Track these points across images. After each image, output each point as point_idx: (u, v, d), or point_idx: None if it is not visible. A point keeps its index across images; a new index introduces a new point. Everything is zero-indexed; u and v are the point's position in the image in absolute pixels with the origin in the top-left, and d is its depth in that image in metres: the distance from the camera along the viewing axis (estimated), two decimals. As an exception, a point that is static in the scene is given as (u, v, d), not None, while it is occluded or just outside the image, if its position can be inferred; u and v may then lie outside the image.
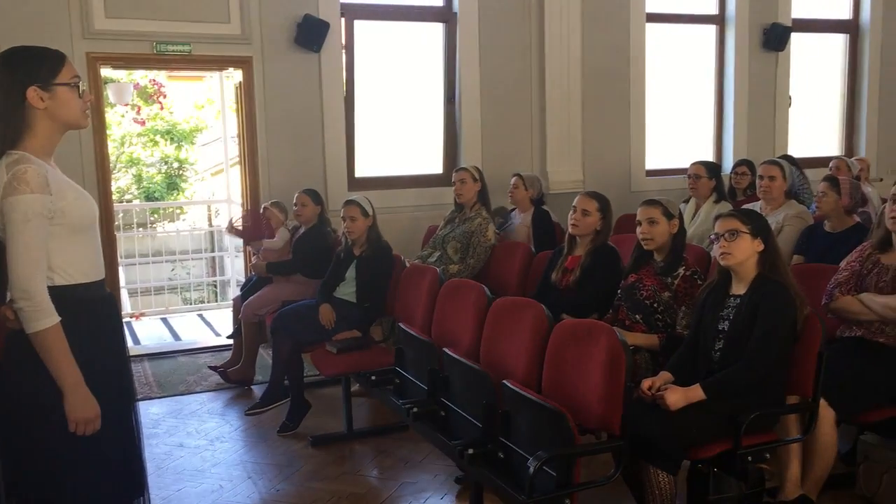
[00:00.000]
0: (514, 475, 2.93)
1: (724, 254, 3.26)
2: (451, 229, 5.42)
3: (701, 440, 3.04)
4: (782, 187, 5.07)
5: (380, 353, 4.54)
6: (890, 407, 3.41)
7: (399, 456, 4.28)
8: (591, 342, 3.00)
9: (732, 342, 3.19)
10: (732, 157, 7.49)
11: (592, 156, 7.14)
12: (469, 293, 3.88)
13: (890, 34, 8.26)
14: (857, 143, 8.39)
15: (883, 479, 3.49)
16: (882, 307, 3.42)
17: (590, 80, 7.05)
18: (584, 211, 4.19)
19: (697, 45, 7.77)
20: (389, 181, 6.71)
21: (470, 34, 6.69)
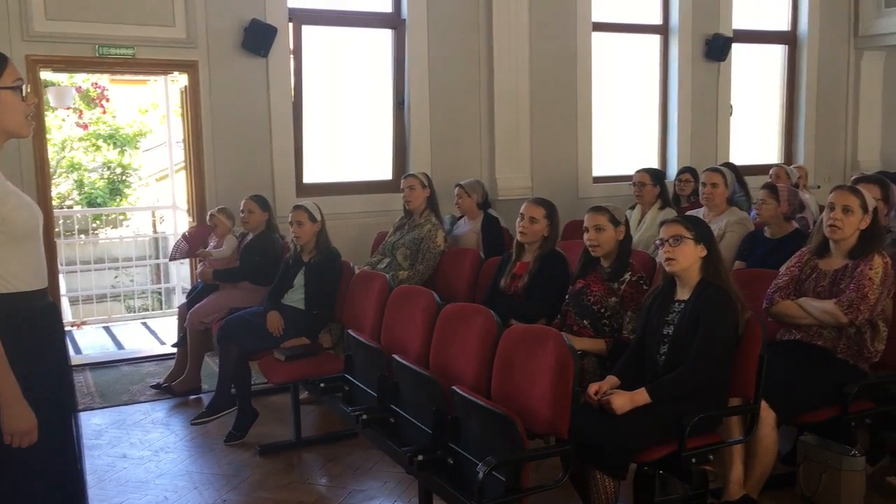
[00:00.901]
0: (464, 481, 2.94)
1: (669, 259, 3.32)
2: (401, 236, 5.42)
3: (646, 443, 3.09)
4: (724, 194, 5.19)
5: (329, 360, 4.51)
6: (828, 408, 3.51)
7: (348, 463, 4.25)
8: (540, 347, 3.02)
9: (677, 346, 3.25)
10: (677, 165, 7.63)
11: (540, 162, 7.21)
12: (418, 299, 3.88)
13: (826, 46, 8.52)
14: (795, 152, 8.63)
15: (822, 479, 3.59)
16: (820, 311, 3.52)
17: (537, 88, 7.13)
18: (531, 218, 4.23)
19: (642, 55, 7.91)
20: (338, 187, 6.68)
21: (419, 41, 6.71)
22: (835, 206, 3.55)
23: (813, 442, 3.67)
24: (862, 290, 3.41)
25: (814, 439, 3.68)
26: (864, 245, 3.53)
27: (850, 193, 3.57)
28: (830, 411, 3.50)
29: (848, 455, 3.52)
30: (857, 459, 3.53)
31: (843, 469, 3.52)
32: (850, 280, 3.47)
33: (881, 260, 3.48)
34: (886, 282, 3.46)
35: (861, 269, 3.47)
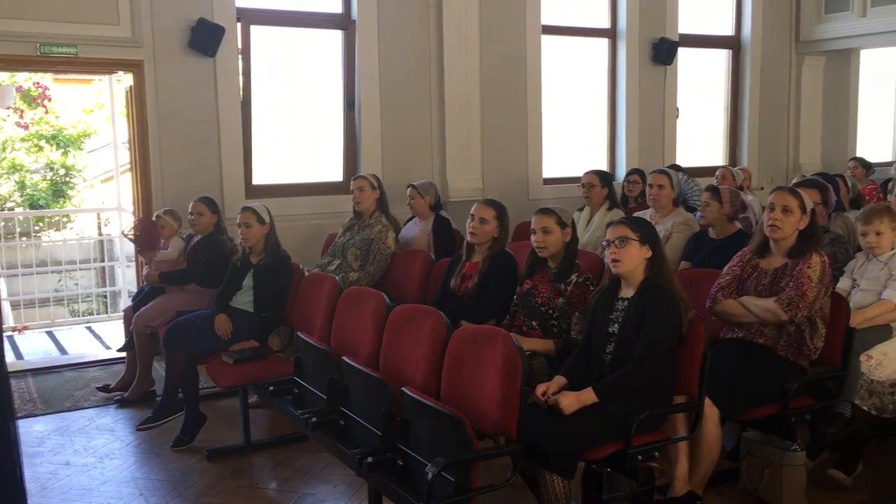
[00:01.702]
0: (414, 482, 2.95)
1: (615, 260, 3.37)
2: (351, 237, 5.40)
3: (593, 442, 3.13)
4: (670, 195, 5.28)
5: (278, 363, 4.47)
6: (769, 404, 3.59)
7: (298, 467, 4.22)
8: (489, 348, 3.04)
9: (622, 344, 3.30)
10: (625, 166, 7.74)
11: (491, 164, 7.25)
12: (368, 301, 3.87)
13: (768, 50, 8.72)
14: (739, 154, 8.81)
15: (764, 474, 3.68)
16: (761, 309, 3.60)
17: (488, 90, 7.16)
18: (481, 219, 4.25)
19: (591, 58, 8.00)
20: (288, 189, 6.63)
21: (369, 42, 6.69)
22: (775, 206, 3.64)
23: (755, 438, 3.76)
24: (801, 289, 3.50)
25: (756, 435, 3.76)
26: (802, 245, 3.63)
27: (789, 194, 3.66)
28: (771, 407, 3.58)
29: (789, 450, 3.61)
30: (797, 454, 3.62)
31: (784, 464, 3.61)
32: (790, 279, 3.56)
33: (819, 259, 3.58)
34: (824, 280, 3.56)
35: (800, 267, 3.56)
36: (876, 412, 3.75)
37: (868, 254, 3.93)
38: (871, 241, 3.86)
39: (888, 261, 3.84)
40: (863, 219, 3.90)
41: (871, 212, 3.91)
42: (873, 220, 3.85)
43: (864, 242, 3.90)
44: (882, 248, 3.85)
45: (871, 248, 3.88)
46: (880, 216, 3.85)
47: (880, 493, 3.75)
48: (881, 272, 3.84)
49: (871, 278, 3.87)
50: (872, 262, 3.89)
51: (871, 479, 3.86)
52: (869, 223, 3.86)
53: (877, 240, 3.84)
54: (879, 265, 3.85)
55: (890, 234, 3.85)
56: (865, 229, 3.88)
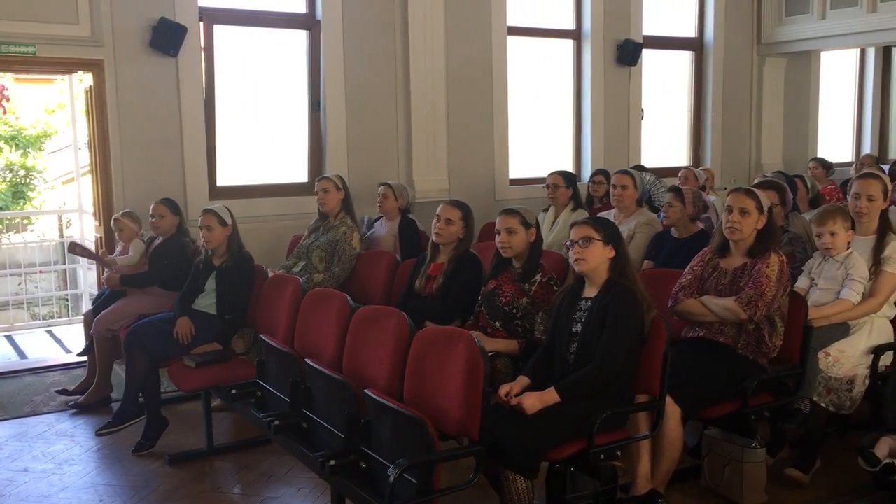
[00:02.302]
0: (377, 484, 2.94)
1: (578, 260, 3.39)
2: (316, 238, 5.37)
3: (556, 442, 3.14)
4: (634, 196, 5.33)
5: (241, 365, 4.43)
6: (729, 402, 3.63)
7: (262, 470, 4.19)
8: (451, 349, 3.04)
9: (585, 344, 3.32)
10: (591, 167, 7.80)
11: (457, 165, 7.25)
12: (331, 303, 3.85)
13: (731, 52, 8.83)
14: (703, 155, 8.91)
15: (725, 471, 3.72)
16: (721, 309, 3.64)
17: (454, 91, 7.16)
18: (447, 220, 4.25)
19: (557, 59, 8.03)
20: (253, 190, 6.57)
21: (334, 42, 6.65)
22: (732, 208, 3.69)
23: (717, 435, 3.80)
24: (760, 288, 3.54)
25: (717, 433, 3.80)
26: (761, 244, 3.68)
27: (745, 196, 3.71)
28: (732, 405, 3.63)
29: (749, 447, 3.65)
30: (757, 451, 3.67)
31: (744, 461, 3.65)
32: (749, 278, 3.61)
33: (777, 258, 3.63)
34: (782, 279, 3.61)
35: (759, 267, 3.60)
36: (834, 409, 3.81)
37: (824, 254, 3.98)
38: (826, 242, 3.91)
39: (844, 260, 3.90)
40: (817, 220, 3.95)
41: (824, 213, 3.97)
42: (827, 221, 3.91)
43: (820, 243, 3.95)
44: (837, 248, 3.91)
45: (826, 249, 3.93)
46: (833, 217, 3.91)
47: (839, 489, 3.80)
48: (838, 272, 3.89)
49: (828, 278, 3.93)
50: (829, 262, 3.95)
51: (829, 475, 3.91)
52: (823, 224, 3.91)
53: (831, 240, 3.89)
54: (836, 265, 3.91)
55: (844, 235, 3.90)
56: (820, 230, 3.93)
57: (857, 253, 3.94)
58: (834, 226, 3.88)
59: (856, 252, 3.94)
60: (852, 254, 3.91)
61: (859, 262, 3.89)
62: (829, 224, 3.88)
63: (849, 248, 3.96)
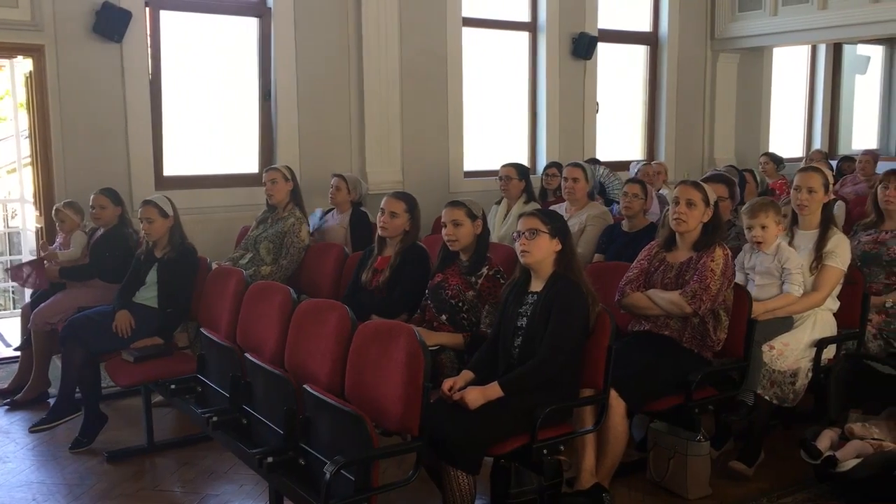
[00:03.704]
0: (315, 481, 2.87)
1: (524, 252, 3.35)
2: (264, 230, 5.27)
3: (499, 436, 3.11)
4: (585, 188, 5.32)
5: (184, 360, 4.32)
6: (674, 395, 3.63)
7: (203, 467, 4.09)
8: (392, 344, 2.98)
9: (530, 338, 3.29)
10: (545, 160, 7.78)
11: (411, 157, 7.18)
12: (274, 296, 3.77)
13: (685, 47, 8.88)
14: (657, 148, 8.96)
15: (670, 464, 3.72)
16: (666, 302, 3.64)
17: (408, 82, 7.09)
18: (391, 213, 4.19)
19: (512, 51, 8.00)
20: (201, 180, 6.44)
21: (285, 31, 6.54)
22: (679, 200, 3.68)
23: (662, 429, 3.80)
24: (704, 282, 3.54)
25: (663, 426, 3.80)
26: (706, 237, 3.68)
27: (692, 188, 3.70)
28: (676, 399, 3.62)
29: (693, 441, 3.66)
30: (702, 444, 3.68)
31: (689, 454, 3.66)
32: (694, 272, 3.61)
33: (722, 252, 3.63)
34: (727, 273, 3.61)
35: (704, 261, 3.60)
36: (777, 401, 3.83)
37: (754, 247, 3.98)
38: (756, 235, 3.90)
39: (776, 253, 3.91)
40: (748, 213, 3.95)
41: (756, 206, 3.97)
42: (758, 213, 3.91)
43: (750, 236, 3.94)
44: (767, 241, 3.90)
45: (756, 243, 3.93)
46: (765, 210, 3.91)
47: (782, 481, 3.83)
48: (771, 265, 3.90)
49: (763, 272, 3.93)
50: (761, 256, 3.95)
51: (773, 467, 3.94)
52: (754, 217, 3.91)
53: (762, 233, 3.89)
54: (768, 258, 3.92)
55: (774, 228, 3.91)
56: (751, 223, 3.92)
57: (784, 244, 3.96)
58: (765, 219, 3.88)
59: (784, 243, 3.96)
60: (781, 246, 3.93)
61: (791, 253, 3.91)
62: (761, 217, 3.89)
63: (777, 241, 3.96)
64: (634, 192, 4.94)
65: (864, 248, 4.44)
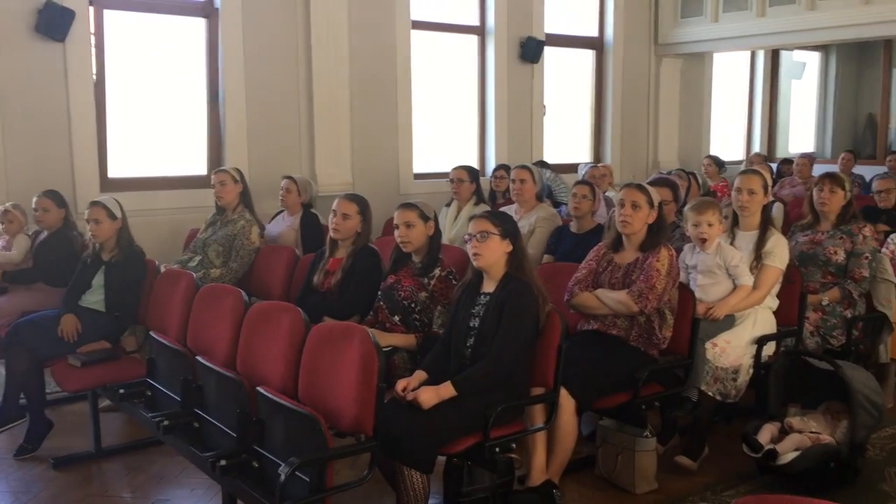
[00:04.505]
0: (269, 484, 2.87)
1: (476, 254, 3.40)
2: (213, 232, 5.23)
3: (452, 435, 3.15)
4: (532, 190, 5.41)
5: (132, 364, 4.27)
6: (622, 393, 3.72)
7: (153, 472, 4.05)
8: (345, 345, 3.00)
9: (482, 338, 3.33)
10: (494, 162, 7.85)
11: (361, 159, 7.19)
12: (225, 299, 3.75)
13: (629, 52, 9.06)
14: (603, 151, 9.12)
15: (618, 460, 3.81)
16: (614, 302, 3.73)
17: (357, 84, 7.09)
18: (343, 214, 4.21)
19: (461, 55, 8.07)
20: (148, 182, 6.35)
21: (233, 32, 6.49)
22: (624, 202, 3.78)
23: (610, 426, 3.89)
24: (650, 281, 3.64)
25: (611, 423, 3.89)
26: (652, 238, 3.78)
27: (637, 191, 3.80)
28: (624, 396, 3.71)
29: (640, 436, 3.75)
30: (648, 440, 3.77)
31: (636, 450, 3.75)
32: (641, 272, 3.70)
33: (667, 252, 3.74)
34: (672, 273, 3.72)
35: (650, 261, 3.70)
36: (720, 397, 3.95)
37: (696, 246, 4.10)
38: (703, 232, 4.01)
39: (717, 252, 4.03)
40: (695, 211, 4.06)
41: (702, 204, 4.10)
42: (705, 211, 4.02)
43: (697, 233, 4.03)
44: (712, 238, 4.03)
45: (702, 240, 4.04)
46: (712, 209, 4.04)
47: (725, 475, 3.94)
48: (713, 263, 4.02)
49: (705, 271, 4.05)
50: (702, 255, 4.07)
51: (716, 461, 4.06)
52: (701, 214, 4.02)
53: (708, 230, 4.01)
54: (710, 257, 4.04)
55: (718, 227, 4.04)
56: (698, 220, 4.03)
57: (724, 242, 4.09)
58: (711, 216, 4.00)
59: (723, 242, 4.08)
60: (721, 245, 4.05)
61: (732, 250, 4.04)
62: (707, 214, 4.00)
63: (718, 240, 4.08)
64: (583, 194, 5.04)
65: (802, 248, 4.60)
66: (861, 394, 3.73)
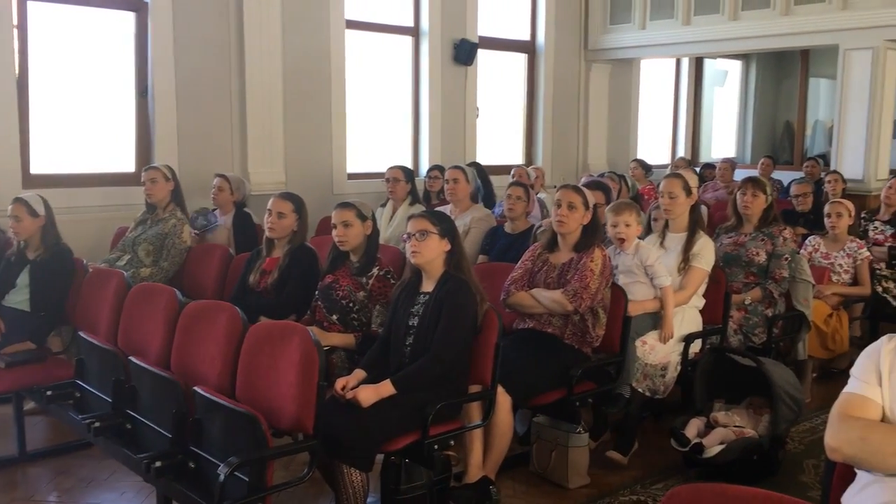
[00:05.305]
0: (207, 484, 2.84)
1: (415, 252, 3.43)
2: (143, 231, 5.12)
3: (391, 433, 3.17)
4: (466, 189, 5.48)
5: (58, 365, 4.14)
6: (557, 390, 3.80)
7: (81, 476, 3.95)
8: (285, 344, 2.99)
9: (422, 337, 3.36)
10: (428, 163, 7.90)
11: (294, 158, 7.13)
12: (159, 298, 3.69)
13: (560, 57, 9.22)
14: (535, 153, 9.27)
15: (552, 456, 3.89)
16: (549, 301, 3.81)
17: (291, 82, 7.03)
18: (279, 213, 4.19)
19: (396, 55, 8.08)
20: (74, 179, 6.15)
21: (163, 26, 6.35)
22: (561, 203, 3.87)
23: (544, 422, 3.97)
24: (584, 281, 3.73)
25: (545, 420, 3.97)
26: (586, 239, 3.88)
27: (573, 192, 3.90)
28: (558, 393, 3.80)
29: (573, 432, 3.84)
30: (581, 436, 3.87)
31: (569, 446, 3.83)
32: (575, 272, 3.79)
33: (601, 253, 3.84)
34: (605, 273, 3.82)
35: (584, 261, 3.80)
36: (650, 393, 4.07)
37: (616, 247, 4.22)
38: (621, 232, 4.12)
39: (635, 252, 4.16)
40: (614, 211, 4.18)
41: (621, 205, 4.23)
42: (624, 212, 4.14)
43: (615, 233, 4.13)
44: (630, 238, 4.15)
45: (620, 240, 4.15)
46: (629, 209, 4.17)
47: (654, 468, 4.07)
48: (632, 263, 4.14)
49: (625, 271, 4.16)
50: (622, 255, 4.19)
51: (644, 456, 4.18)
52: (620, 215, 4.14)
53: (626, 231, 4.12)
54: (629, 257, 4.15)
55: (636, 227, 4.17)
56: (617, 220, 4.13)
57: (642, 242, 4.21)
58: (629, 217, 4.13)
59: (641, 242, 4.21)
60: (640, 244, 4.18)
61: (649, 249, 4.17)
62: (626, 215, 4.12)
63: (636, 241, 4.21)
64: (518, 195, 5.12)
65: (726, 249, 4.77)
66: (782, 389, 3.89)
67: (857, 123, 7.70)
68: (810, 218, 6.54)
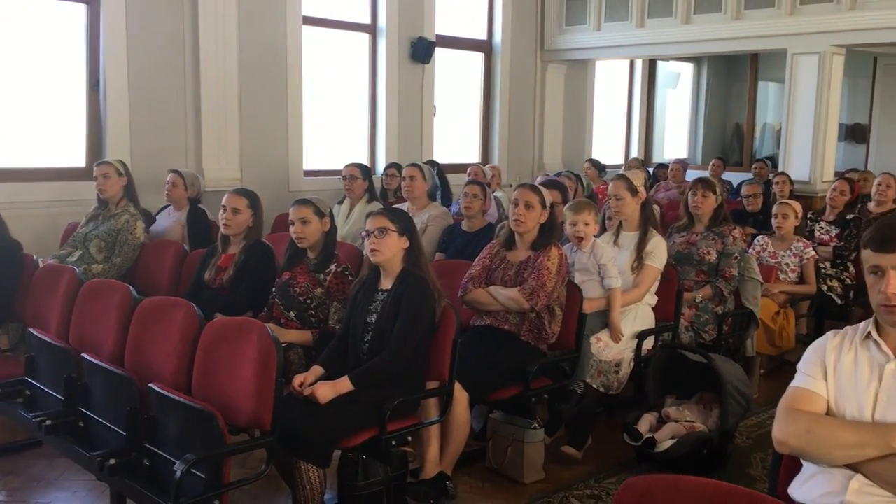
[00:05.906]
0: (162, 482, 2.82)
1: (374, 250, 3.44)
2: (95, 226, 5.04)
3: (349, 430, 3.18)
4: (423, 187, 5.50)
5: (6, 363, 4.06)
6: (513, 386, 3.84)
7: (30, 475, 3.87)
8: (243, 340, 2.98)
9: (379, 334, 3.38)
10: (385, 161, 7.90)
11: (250, 154, 7.06)
12: (112, 294, 3.63)
13: (517, 56, 9.29)
14: (491, 152, 9.32)
15: (508, 451, 3.93)
16: (506, 298, 3.85)
17: (247, 78, 6.96)
18: (234, 209, 4.16)
19: (353, 52, 8.06)
20: (21, 173, 6.02)
21: (115, 19, 6.24)
22: (518, 201, 3.91)
23: (500, 418, 4.01)
24: (541, 279, 3.78)
25: (501, 416, 4.01)
26: (543, 238, 3.93)
27: (531, 191, 3.95)
28: (515, 389, 3.84)
29: (529, 428, 3.89)
30: (536, 432, 3.92)
31: (525, 441, 3.88)
32: (532, 270, 3.84)
33: (557, 252, 3.89)
34: (561, 271, 3.88)
35: (541, 260, 3.85)
36: (603, 389, 4.14)
37: (573, 246, 4.28)
38: (580, 230, 4.19)
39: (592, 251, 4.23)
40: (573, 210, 4.24)
41: (580, 204, 4.31)
42: (583, 211, 4.22)
43: (574, 231, 4.20)
44: (588, 237, 4.23)
45: (579, 238, 4.21)
46: (588, 208, 4.24)
47: (606, 463, 4.14)
48: (588, 262, 4.21)
49: (581, 269, 4.22)
50: (579, 254, 4.25)
51: (598, 451, 4.25)
52: (579, 213, 4.20)
53: (585, 229, 4.20)
54: (586, 255, 4.22)
55: (594, 226, 4.25)
56: (576, 219, 4.20)
57: (598, 241, 4.28)
58: (588, 216, 4.20)
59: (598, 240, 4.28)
60: (596, 243, 4.25)
61: (604, 248, 4.25)
62: (585, 214, 4.20)
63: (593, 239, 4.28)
64: (475, 193, 5.15)
65: (678, 248, 4.87)
66: (731, 385, 3.99)
67: (804, 126, 7.90)
68: (759, 218, 6.70)
